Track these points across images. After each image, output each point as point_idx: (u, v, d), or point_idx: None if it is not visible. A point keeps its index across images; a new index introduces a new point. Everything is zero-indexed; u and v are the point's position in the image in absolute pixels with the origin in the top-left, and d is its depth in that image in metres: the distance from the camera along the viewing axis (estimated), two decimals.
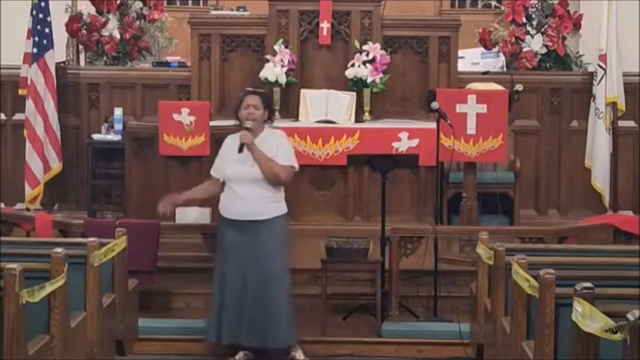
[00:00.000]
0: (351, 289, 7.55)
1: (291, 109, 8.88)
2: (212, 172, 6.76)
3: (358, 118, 8.80)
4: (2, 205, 8.89)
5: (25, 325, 4.42)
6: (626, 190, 9.23)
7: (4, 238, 6.17)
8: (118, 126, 9.04)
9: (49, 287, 4.76)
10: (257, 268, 6.48)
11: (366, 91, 8.84)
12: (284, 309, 6.54)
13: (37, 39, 8.88)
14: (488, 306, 6.13)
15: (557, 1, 9.44)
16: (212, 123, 8.19)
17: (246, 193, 6.50)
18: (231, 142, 6.67)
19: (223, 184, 6.67)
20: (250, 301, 6.47)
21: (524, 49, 9.41)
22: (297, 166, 6.70)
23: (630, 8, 9.38)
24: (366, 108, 8.86)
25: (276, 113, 8.31)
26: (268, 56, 8.89)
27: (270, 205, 6.55)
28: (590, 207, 9.15)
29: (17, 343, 4.35)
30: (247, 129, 6.53)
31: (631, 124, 9.37)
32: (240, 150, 6.50)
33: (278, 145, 6.61)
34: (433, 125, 7.82)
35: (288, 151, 6.65)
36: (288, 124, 8.46)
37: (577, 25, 9.45)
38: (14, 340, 4.33)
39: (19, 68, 9.04)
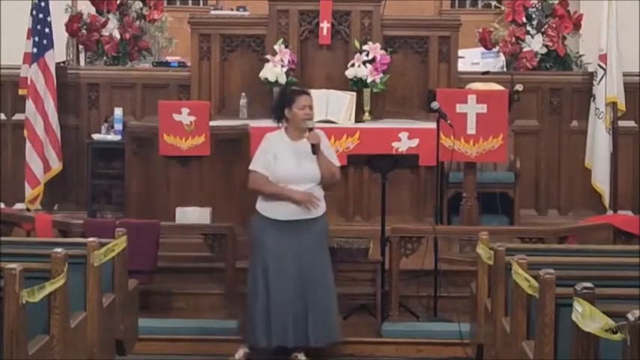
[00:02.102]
0: (351, 289, 7.53)
1: None
2: (262, 170, 6.55)
3: (358, 118, 8.80)
4: (2, 205, 8.89)
5: (25, 325, 4.41)
6: (626, 190, 9.23)
7: (4, 238, 6.15)
8: (118, 126, 9.03)
9: (49, 287, 4.75)
10: (312, 265, 6.50)
11: (366, 91, 8.84)
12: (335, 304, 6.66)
13: (37, 39, 8.88)
14: (488, 306, 6.12)
15: (557, 1, 9.44)
16: (212, 123, 8.18)
17: None
18: (278, 141, 6.61)
19: None
20: (306, 300, 6.47)
21: (524, 49, 9.41)
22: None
23: (630, 8, 9.37)
24: (366, 108, 8.86)
25: None
26: (268, 56, 8.89)
27: (319, 203, 6.59)
28: (590, 207, 9.16)
29: (17, 343, 4.34)
30: (311, 129, 6.55)
31: (631, 124, 9.36)
32: (314, 151, 6.49)
33: (327, 145, 6.69)
34: (433, 125, 7.82)
35: (333, 152, 6.84)
36: None
37: (577, 25, 9.44)
38: (14, 340, 4.33)
39: (19, 68, 9.04)
